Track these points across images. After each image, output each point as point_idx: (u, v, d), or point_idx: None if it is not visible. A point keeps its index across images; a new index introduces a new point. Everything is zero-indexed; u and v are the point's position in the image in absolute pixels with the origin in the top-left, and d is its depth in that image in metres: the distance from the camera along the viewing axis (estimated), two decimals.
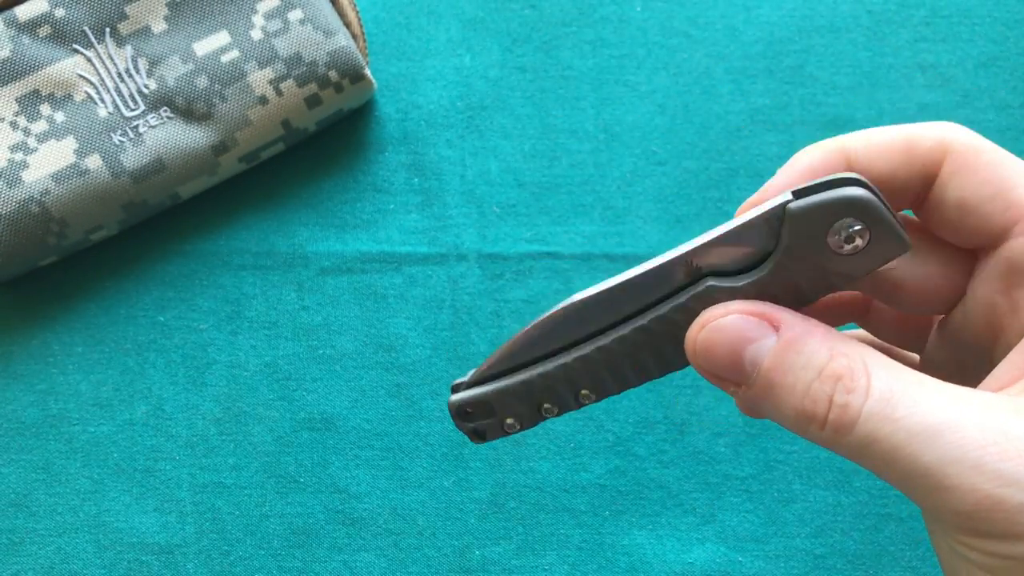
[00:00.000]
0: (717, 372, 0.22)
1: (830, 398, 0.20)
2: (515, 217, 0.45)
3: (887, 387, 0.20)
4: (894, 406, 0.20)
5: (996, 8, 0.47)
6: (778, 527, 0.42)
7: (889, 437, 0.19)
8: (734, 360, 0.22)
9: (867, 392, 0.20)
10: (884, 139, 0.24)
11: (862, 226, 0.22)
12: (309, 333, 0.44)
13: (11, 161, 0.41)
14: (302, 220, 0.46)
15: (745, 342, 0.22)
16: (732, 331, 0.22)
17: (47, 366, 0.44)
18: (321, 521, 0.43)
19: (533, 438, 0.43)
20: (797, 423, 0.21)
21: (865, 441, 0.20)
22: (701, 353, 0.22)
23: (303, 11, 0.43)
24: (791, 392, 0.21)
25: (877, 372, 0.20)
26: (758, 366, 0.21)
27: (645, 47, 0.47)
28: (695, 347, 0.22)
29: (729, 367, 0.22)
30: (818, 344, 0.21)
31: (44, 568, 0.43)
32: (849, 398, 0.20)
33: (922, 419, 0.19)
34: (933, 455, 0.19)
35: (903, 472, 0.20)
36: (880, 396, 0.20)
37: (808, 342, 0.21)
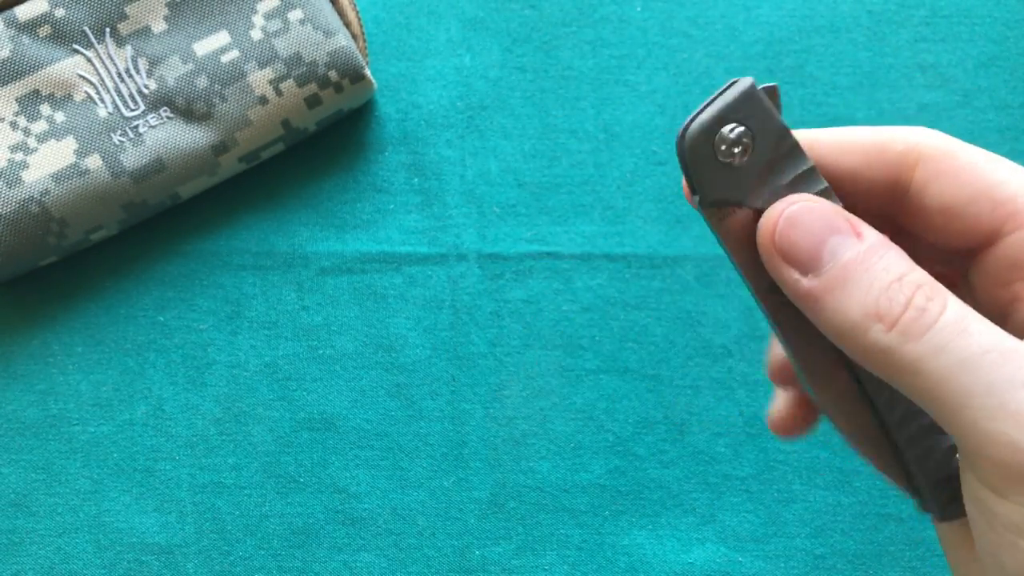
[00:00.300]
0: (793, 251, 0.22)
1: (909, 300, 0.20)
2: (515, 217, 0.45)
3: (962, 308, 0.20)
4: (969, 323, 0.20)
5: (996, 8, 0.47)
6: (778, 527, 0.42)
7: (960, 349, 0.19)
8: (816, 243, 0.21)
9: (944, 305, 0.20)
10: (854, 140, 0.23)
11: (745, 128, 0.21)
12: (309, 333, 0.44)
13: (11, 161, 0.41)
14: (302, 220, 0.46)
15: (832, 231, 0.21)
16: (823, 216, 0.21)
17: (47, 366, 0.44)
18: (321, 521, 0.43)
19: (533, 438, 0.43)
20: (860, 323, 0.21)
21: (932, 350, 0.19)
22: (783, 229, 0.22)
23: (303, 11, 0.43)
24: (867, 289, 0.21)
25: (952, 296, 0.20)
26: (837, 257, 0.21)
27: (645, 47, 0.47)
28: (779, 219, 0.22)
29: (808, 248, 0.21)
30: (900, 256, 0.21)
31: (44, 568, 0.43)
32: (929, 304, 0.20)
33: (996, 339, 0.19)
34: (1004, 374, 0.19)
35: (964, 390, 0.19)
36: (957, 311, 0.20)
37: (891, 252, 0.21)
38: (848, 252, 0.21)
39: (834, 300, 0.21)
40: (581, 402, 0.44)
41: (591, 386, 0.44)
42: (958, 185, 0.22)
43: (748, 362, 0.44)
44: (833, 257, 0.21)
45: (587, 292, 0.45)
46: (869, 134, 0.23)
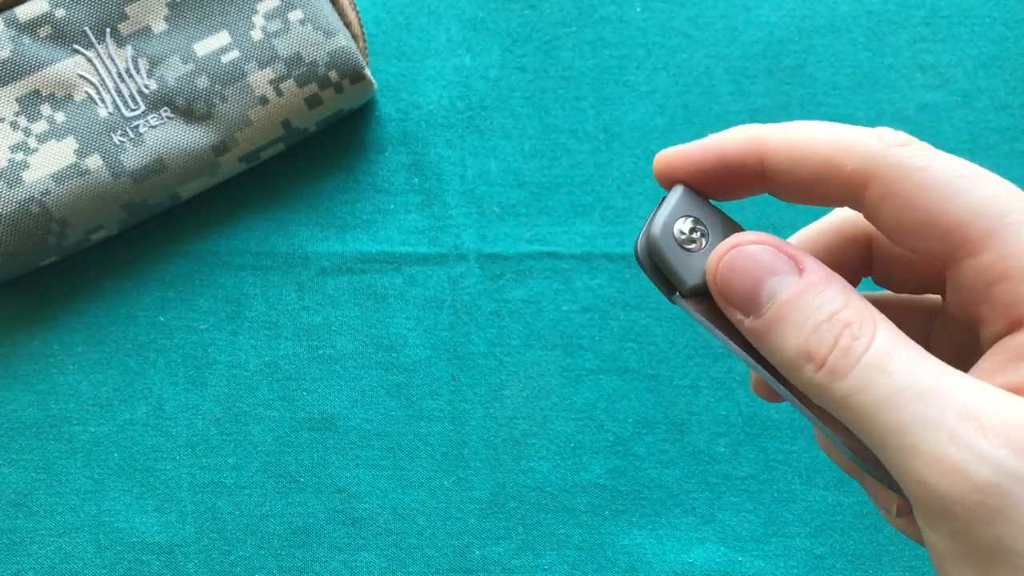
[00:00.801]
0: (732, 296, 0.22)
1: (835, 340, 0.21)
2: (515, 217, 0.45)
3: (889, 343, 0.20)
4: (890, 360, 0.20)
5: (996, 8, 0.47)
6: (778, 527, 0.42)
7: (878, 388, 0.20)
8: (754, 287, 0.22)
9: (870, 343, 0.20)
10: (805, 152, 0.23)
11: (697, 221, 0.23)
12: (309, 333, 0.45)
13: (11, 161, 0.41)
14: (302, 220, 0.46)
15: (770, 272, 0.22)
16: (760, 259, 0.22)
17: (47, 366, 0.44)
18: (321, 521, 0.43)
19: (533, 438, 0.43)
20: (795, 361, 0.21)
21: (855, 388, 0.20)
22: (723, 273, 0.22)
23: (303, 11, 0.43)
24: (799, 329, 0.21)
25: (884, 329, 0.21)
26: (774, 299, 0.22)
27: (645, 47, 0.47)
28: (719, 266, 0.23)
29: (746, 293, 0.22)
30: (836, 292, 0.21)
31: (44, 568, 0.43)
32: (853, 344, 0.20)
33: (913, 378, 0.20)
34: (915, 414, 0.19)
35: (883, 428, 0.20)
36: (880, 349, 0.20)
37: (828, 287, 0.21)
38: (785, 291, 0.22)
39: (772, 339, 0.22)
40: (581, 402, 0.44)
41: (591, 386, 0.44)
42: (909, 209, 0.22)
43: None
44: (771, 298, 0.22)
45: (587, 292, 0.45)
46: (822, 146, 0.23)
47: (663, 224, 0.24)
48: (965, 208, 0.21)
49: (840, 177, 0.22)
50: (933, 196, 0.21)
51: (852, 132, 0.23)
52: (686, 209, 0.24)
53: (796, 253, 0.22)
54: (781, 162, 0.23)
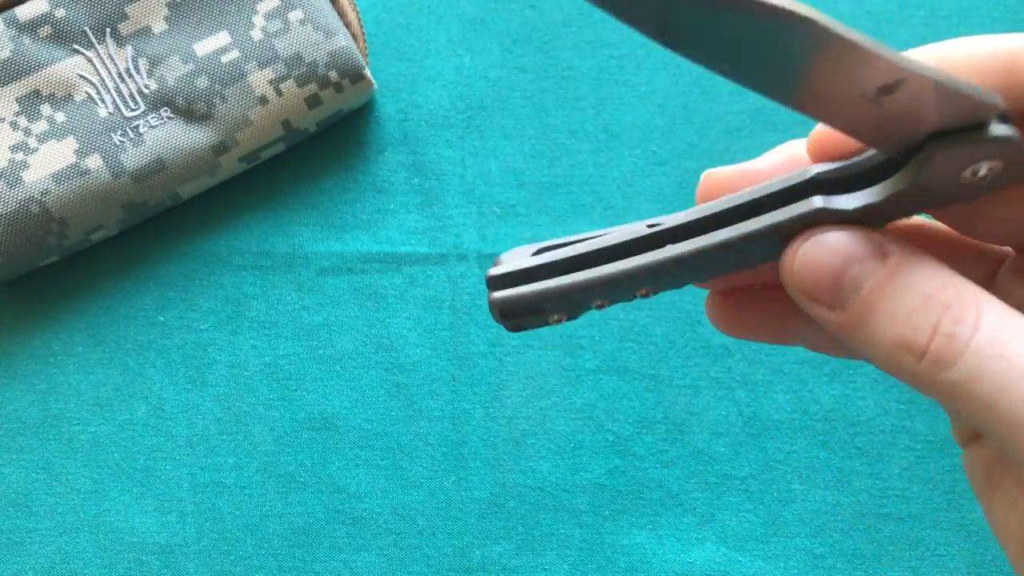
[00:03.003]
0: (813, 289, 0.21)
1: (935, 326, 0.19)
2: (515, 217, 0.45)
3: (1000, 323, 0.19)
4: (1005, 343, 0.18)
5: (996, 8, 0.47)
6: (778, 527, 0.42)
7: (997, 376, 0.18)
8: (835, 277, 0.20)
9: (977, 325, 0.18)
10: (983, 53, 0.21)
11: (1000, 163, 0.20)
12: (309, 333, 0.45)
13: (11, 161, 0.41)
14: (302, 220, 0.46)
15: (850, 261, 0.20)
16: (839, 247, 0.20)
17: (47, 366, 0.44)
18: (321, 521, 0.43)
19: (533, 438, 0.43)
20: (891, 354, 0.19)
21: (968, 378, 0.18)
22: (801, 266, 0.21)
23: (303, 11, 0.43)
24: (891, 318, 0.19)
25: (989, 307, 0.19)
26: (859, 288, 0.20)
27: (645, 47, 0.47)
28: (795, 259, 0.21)
29: (828, 285, 0.20)
30: (928, 271, 0.19)
31: (44, 568, 0.43)
32: (957, 329, 0.18)
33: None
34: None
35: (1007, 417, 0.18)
36: (991, 332, 0.18)
37: (917, 268, 0.20)
38: (869, 280, 0.20)
39: (863, 333, 0.20)
40: (581, 402, 0.44)
41: (591, 386, 0.44)
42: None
43: (748, 362, 0.44)
44: (855, 289, 0.20)
45: None
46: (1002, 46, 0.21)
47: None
48: None
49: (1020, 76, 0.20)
50: None
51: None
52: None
53: (879, 237, 0.20)
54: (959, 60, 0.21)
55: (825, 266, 0.20)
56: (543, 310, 0.24)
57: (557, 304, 0.24)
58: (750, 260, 0.22)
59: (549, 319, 0.24)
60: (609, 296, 0.23)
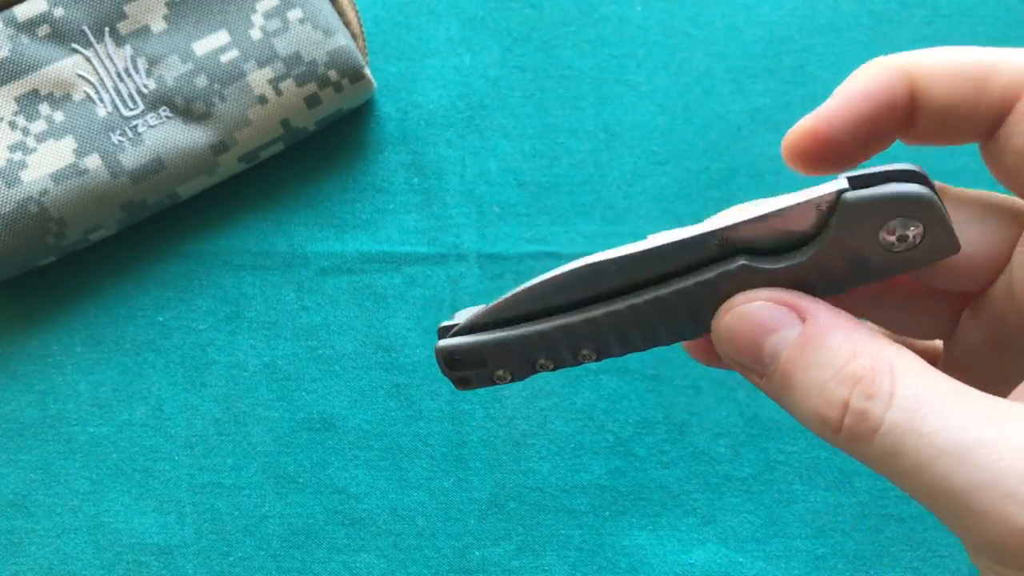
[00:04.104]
0: (738, 360, 0.21)
1: (846, 402, 0.19)
2: (515, 217, 0.45)
3: (914, 395, 0.18)
4: (922, 418, 0.18)
5: (997, 8, 0.47)
6: (779, 528, 0.42)
7: (914, 452, 0.18)
8: (755, 349, 0.21)
9: (890, 399, 0.18)
10: (956, 66, 0.21)
11: (919, 226, 0.20)
12: (309, 333, 0.44)
13: (10, 161, 0.41)
14: (301, 220, 0.46)
15: (767, 331, 0.20)
16: (756, 318, 0.21)
17: (46, 366, 0.44)
18: (321, 522, 0.43)
19: (533, 438, 0.43)
20: (812, 425, 0.20)
21: (887, 453, 0.18)
22: (724, 339, 0.21)
23: (302, 10, 0.43)
24: (807, 391, 0.20)
25: (904, 376, 0.19)
26: (777, 358, 0.20)
27: (645, 47, 0.47)
28: (719, 332, 0.21)
29: (749, 356, 0.21)
30: (841, 339, 0.19)
31: (43, 569, 0.42)
32: (868, 404, 0.19)
33: (953, 435, 0.18)
34: (964, 477, 0.17)
35: (929, 491, 0.18)
36: (906, 405, 0.18)
37: (831, 336, 0.20)
38: (784, 351, 0.20)
39: (787, 401, 0.20)
40: (581, 402, 0.44)
41: (591, 386, 0.44)
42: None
43: None
44: (774, 359, 0.20)
45: None
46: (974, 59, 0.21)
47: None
48: None
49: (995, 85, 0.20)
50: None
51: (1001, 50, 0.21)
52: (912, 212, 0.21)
53: (796, 300, 0.20)
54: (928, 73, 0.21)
55: (745, 337, 0.21)
56: (485, 362, 0.24)
57: (499, 357, 0.24)
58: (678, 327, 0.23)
59: (494, 375, 0.24)
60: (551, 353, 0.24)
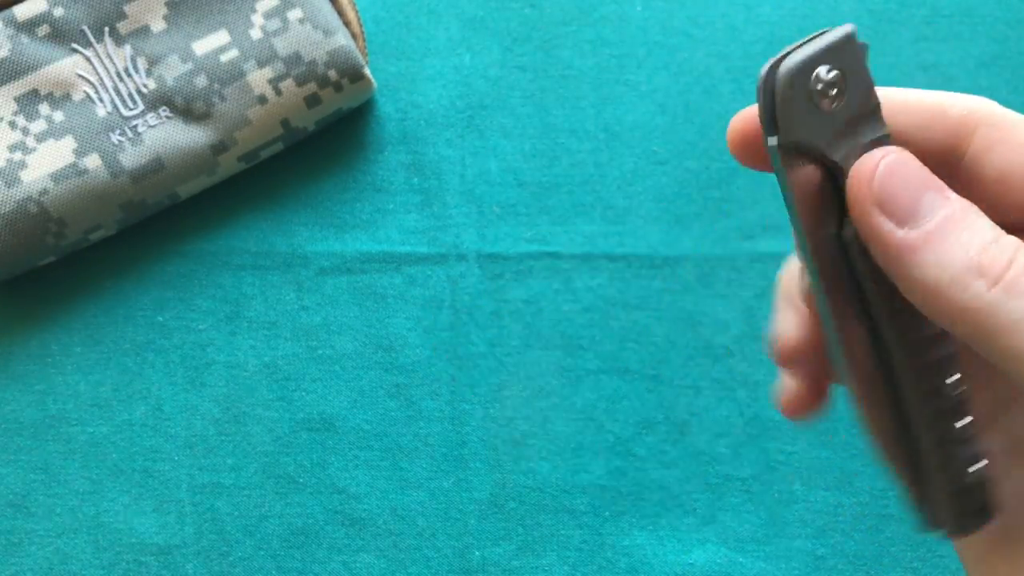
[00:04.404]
0: (891, 201, 0.21)
1: (1011, 258, 0.20)
2: (515, 217, 0.45)
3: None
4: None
5: (997, 8, 0.47)
6: (779, 528, 0.42)
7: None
8: (914, 195, 0.21)
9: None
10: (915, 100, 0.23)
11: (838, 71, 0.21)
12: (308, 333, 0.44)
13: (10, 161, 0.41)
14: (301, 220, 0.45)
15: (929, 185, 0.21)
16: (920, 170, 0.21)
17: (45, 366, 0.44)
18: (320, 522, 0.43)
19: (533, 438, 0.43)
20: (960, 277, 0.20)
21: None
22: (883, 177, 0.21)
23: (302, 10, 0.43)
24: (967, 245, 0.20)
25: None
26: (935, 213, 0.20)
27: (645, 46, 0.47)
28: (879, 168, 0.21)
29: (906, 200, 0.21)
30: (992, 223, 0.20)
31: (43, 569, 0.42)
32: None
33: None
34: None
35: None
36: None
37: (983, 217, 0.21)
38: (945, 209, 0.20)
39: (933, 253, 0.20)
40: (581, 402, 0.43)
41: (591, 386, 0.44)
42: (1017, 155, 0.21)
43: (748, 362, 0.44)
44: (931, 211, 0.20)
45: (587, 292, 0.44)
46: (930, 96, 0.22)
47: (804, 61, 0.21)
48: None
49: (949, 122, 0.21)
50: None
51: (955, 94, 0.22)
52: (840, 59, 0.22)
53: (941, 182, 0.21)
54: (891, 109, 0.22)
55: (907, 182, 0.21)
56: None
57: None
58: None
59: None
60: None
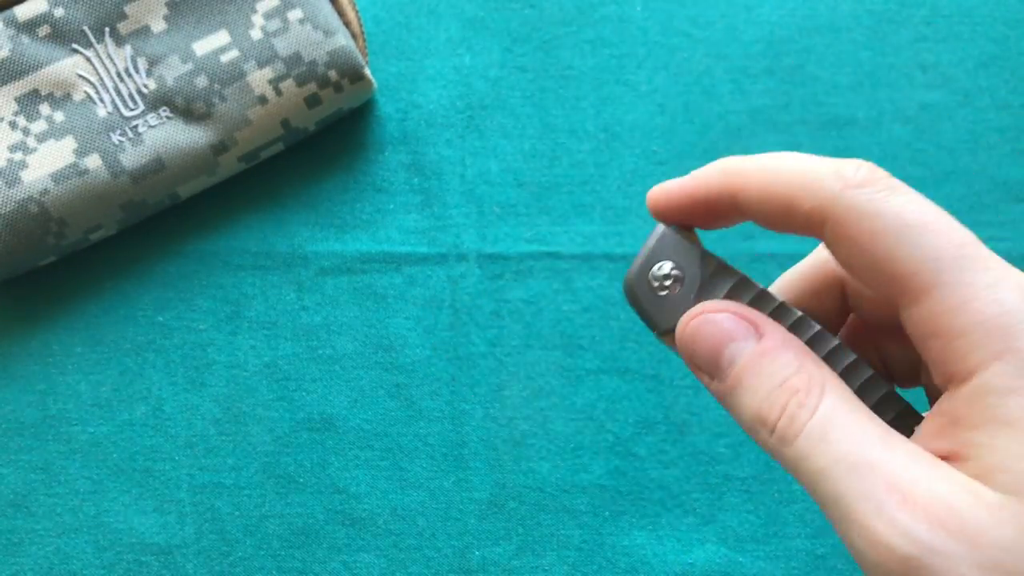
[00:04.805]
0: (697, 361, 0.24)
1: (784, 406, 0.22)
2: (515, 217, 0.45)
3: (832, 411, 0.21)
4: (830, 429, 0.21)
5: (997, 8, 0.47)
6: (778, 527, 0.42)
7: (819, 457, 0.21)
8: (716, 353, 0.23)
9: (814, 411, 0.21)
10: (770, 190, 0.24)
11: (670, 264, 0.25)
12: (309, 333, 0.44)
13: (10, 161, 0.41)
14: (302, 220, 0.46)
15: (729, 339, 0.23)
16: (721, 326, 0.24)
17: (46, 366, 0.44)
18: (321, 522, 0.43)
19: (533, 438, 0.43)
20: (751, 425, 0.23)
21: (801, 455, 0.21)
22: (688, 340, 0.24)
23: (303, 11, 0.43)
24: (754, 394, 0.22)
25: (830, 396, 0.22)
26: (733, 364, 0.23)
27: (645, 47, 0.47)
28: (684, 333, 0.24)
29: (709, 359, 0.24)
30: (790, 357, 0.22)
31: (43, 568, 0.42)
32: (798, 411, 0.21)
33: (848, 449, 0.20)
34: (848, 485, 0.20)
35: (823, 496, 0.21)
36: (823, 417, 0.21)
37: (782, 353, 0.23)
38: (742, 358, 0.23)
39: (733, 402, 0.23)
40: (581, 402, 0.44)
41: (591, 386, 0.44)
42: (859, 252, 0.22)
43: None
44: (731, 363, 0.23)
45: (587, 292, 0.45)
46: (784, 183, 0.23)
47: (638, 271, 0.25)
48: (908, 258, 0.21)
49: (801, 215, 0.23)
50: (881, 243, 0.21)
51: (815, 168, 0.23)
52: (665, 252, 0.25)
53: (757, 319, 0.23)
54: (751, 198, 0.24)
55: (709, 342, 0.24)
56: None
57: None
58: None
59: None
60: None
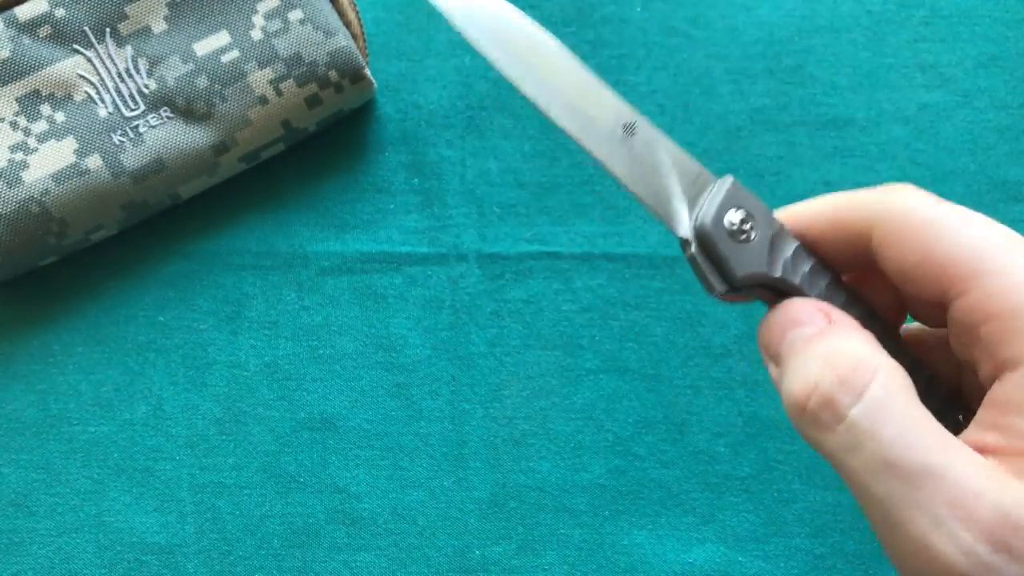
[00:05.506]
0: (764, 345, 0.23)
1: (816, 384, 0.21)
2: (515, 217, 0.45)
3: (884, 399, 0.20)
4: (883, 426, 0.19)
5: (996, 8, 0.47)
6: (778, 527, 0.42)
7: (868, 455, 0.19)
8: (777, 339, 0.23)
9: (861, 395, 0.20)
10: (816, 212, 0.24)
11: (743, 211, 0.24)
12: (309, 333, 0.44)
13: (11, 161, 0.41)
14: (302, 220, 0.46)
15: (793, 324, 0.23)
16: (791, 312, 0.23)
17: (47, 366, 0.44)
18: (321, 521, 0.43)
19: (533, 438, 0.43)
20: (787, 409, 0.22)
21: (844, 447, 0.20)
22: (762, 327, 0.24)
23: (303, 11, 0.43)
24: (794, 372, 0.21)
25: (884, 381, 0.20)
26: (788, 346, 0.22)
27: (645, 47, 0.47)
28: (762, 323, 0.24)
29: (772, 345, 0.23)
30: (844, 339, 0.21)
31: (44, 568, 0.43)
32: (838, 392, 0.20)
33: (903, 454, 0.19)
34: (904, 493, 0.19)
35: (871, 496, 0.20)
36: (873, 406, 0.20)
37: (839, 334, 0.22)
38: (796, 343, 0.22)
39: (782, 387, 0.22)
40: (581, 402, 0.44)
41: (591, 386, 0.44)
42: (908, 250, 0.22)
43: (748, 362, 0.44)
44: (790, 349, 0.22)
45: (587, 292, 0.45)
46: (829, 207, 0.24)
47: (714, 215, 0.24)
48: (954, 248, 0.21)
49: (846, 226, 0.23)
50: (930, 234, 0.21)
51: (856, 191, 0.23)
52: (737, 200, 0.24)
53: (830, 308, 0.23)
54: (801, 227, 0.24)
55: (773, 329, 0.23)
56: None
57: None
58: None
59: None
60: None
